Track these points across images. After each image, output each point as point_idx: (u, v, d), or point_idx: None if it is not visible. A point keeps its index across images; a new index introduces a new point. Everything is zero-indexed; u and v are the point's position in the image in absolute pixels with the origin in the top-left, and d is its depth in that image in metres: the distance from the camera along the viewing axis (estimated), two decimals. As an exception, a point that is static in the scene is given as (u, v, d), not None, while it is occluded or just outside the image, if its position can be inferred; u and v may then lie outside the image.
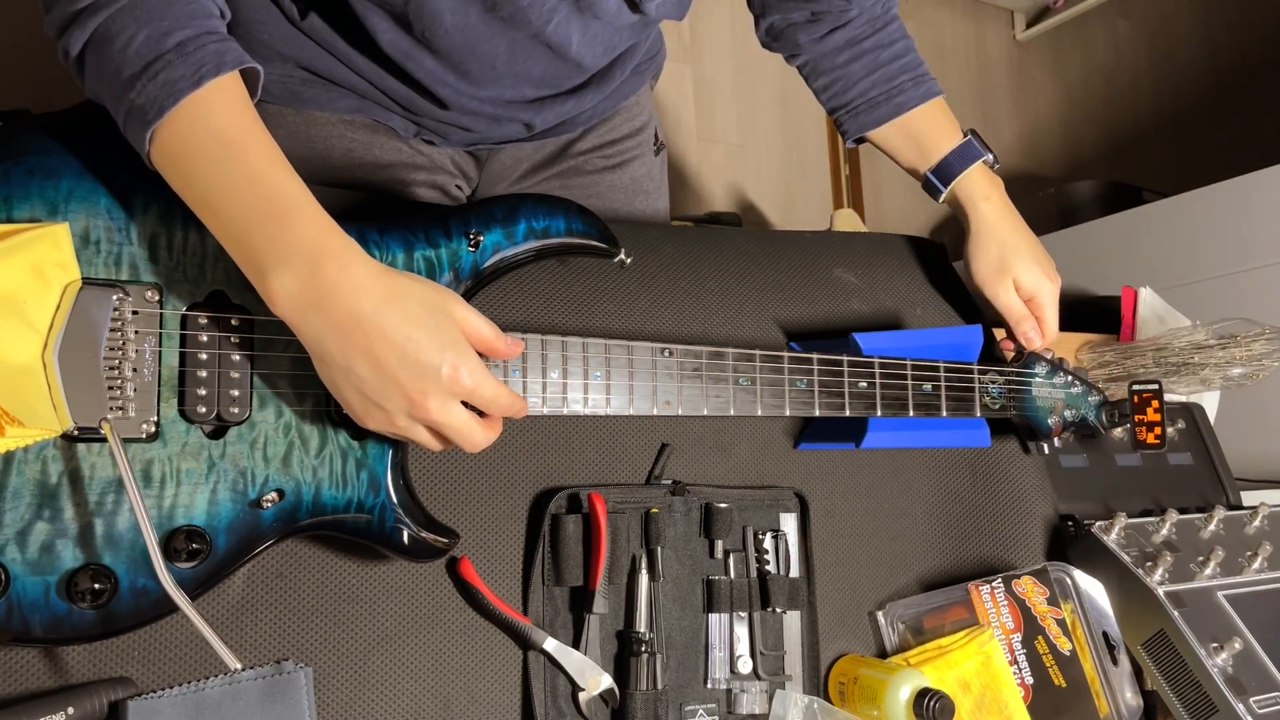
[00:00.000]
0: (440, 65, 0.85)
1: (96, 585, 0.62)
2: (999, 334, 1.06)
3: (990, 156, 1.01)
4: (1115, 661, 0.93)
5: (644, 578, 0.82)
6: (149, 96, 0.60)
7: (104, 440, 0.64)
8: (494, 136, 1.00)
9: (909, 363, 0.88)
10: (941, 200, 1.03)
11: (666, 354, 0.79)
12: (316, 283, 0.60)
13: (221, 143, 0.61)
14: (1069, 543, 1.01)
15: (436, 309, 0.62)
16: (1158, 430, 0.99)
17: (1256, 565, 0.99)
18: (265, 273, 0.60)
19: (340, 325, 0.60)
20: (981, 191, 1.00)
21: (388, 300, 0.61)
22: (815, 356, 0.84)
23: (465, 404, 0.64)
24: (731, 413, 0.81)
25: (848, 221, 2.28)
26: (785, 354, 0.83)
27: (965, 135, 1.01)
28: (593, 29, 0.85)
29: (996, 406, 0.94)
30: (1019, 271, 0.99)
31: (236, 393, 0.67)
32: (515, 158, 1.06)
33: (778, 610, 0.86)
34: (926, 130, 1.01)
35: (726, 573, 0.86)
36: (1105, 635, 0.93)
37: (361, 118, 0.94)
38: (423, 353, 0.60)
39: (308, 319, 0.60)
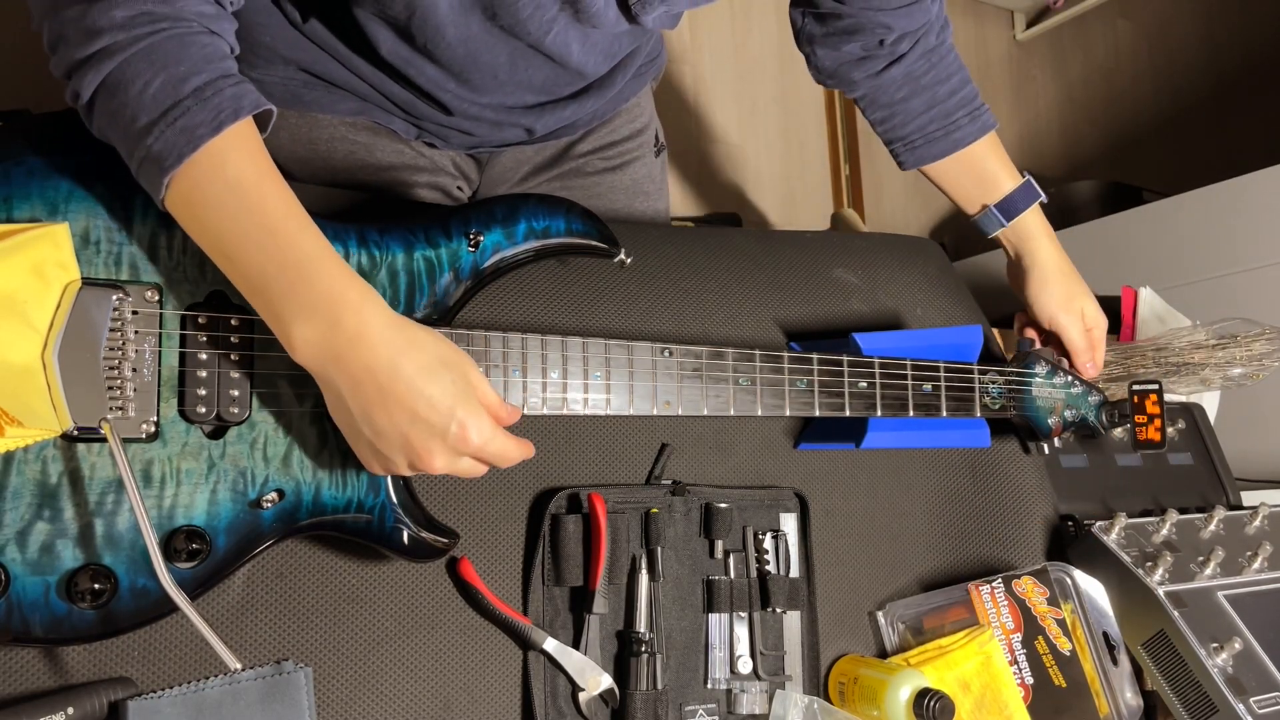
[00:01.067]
0: (442, 73, 0.85)
1: (96, 585, 0.62)
2: (1029, 333, 1.09)
3: (1044, 197, 1.05)
4: (1115, 661, 0.93)
5: (644, 578, 0.82)
6: (167, 143, 0.59)
7: (104, 440, 0.64)
8: (495, 140, 1.00)
9: (909, 363, 0.88)
10: (994, 234, 1.07)
11: (666, 354, 0.79)
12: (335, 335, 0.60)
13: (238, 193, 0.60)
14: (1069, 543, 1.01)
15: (451, 364, 0.63)
16: (1157, 430, 0.99)
17: (1256, 565, 0.98)
18: (285, 322, 0.61)
19: (356, 378, 0.61)
20: (1043, 229, 1.06)
21: (403, 353, 0.61)
22: (815, 357, 0.84)
23: None
24: (731, 413, 0.81)
25: (848, 222, 2.28)
26: (785, 354, 0.83)
27: (1024, 175, 1.05)
28: (592, 38, 0.85)
29: (996, 406, 0.94)
30: (1086, 305, 1.05)
31: (236, 393, 0.67)
32: (516, 160, 1.06)
33: (778, 610, 0.86)
34: (988, 166, 1.05)
35: (726, 573, 0.86)
36: (1105, 635, 0.93)
37: (363, 120, 0.94)
38: (433, 413, 0.61)
39: (326, 369, 0.61)
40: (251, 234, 0.60)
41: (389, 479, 0.69)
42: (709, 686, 0.84)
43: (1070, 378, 1.00)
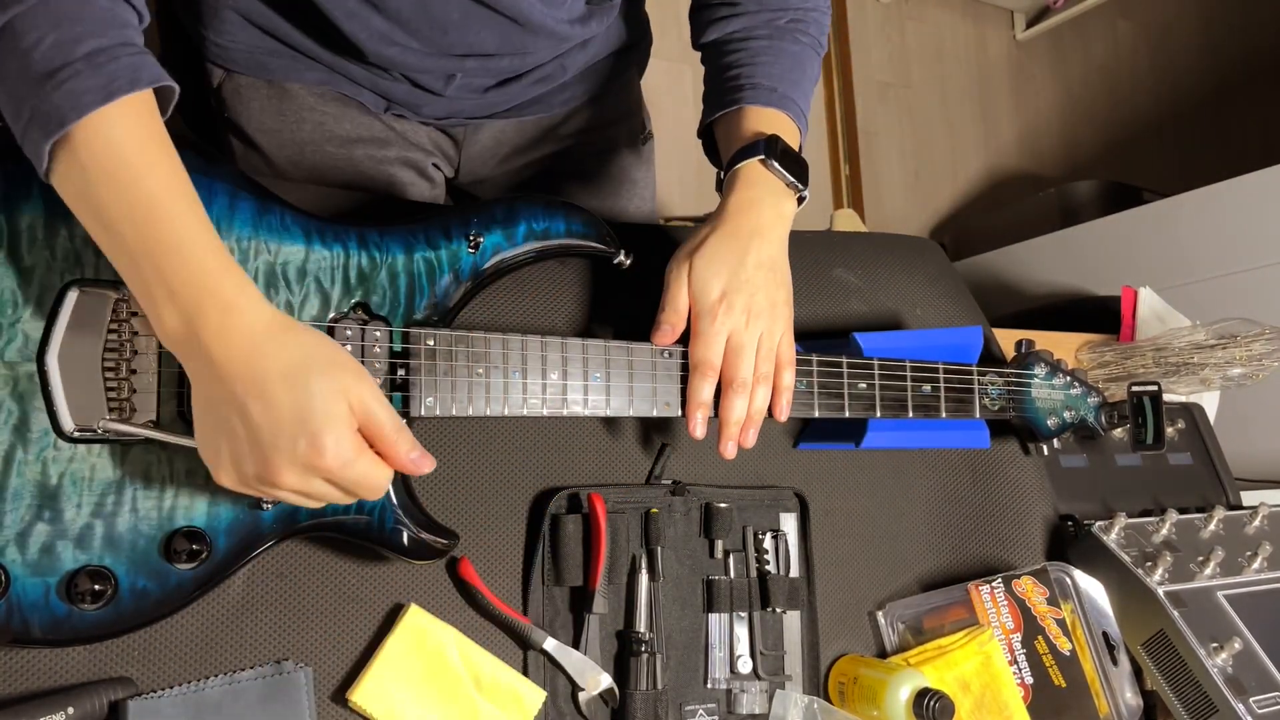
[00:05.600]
0: (388, 24, 0.83)
1: (96, 586, 0.62)
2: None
3: (762, 154, 0.79)
4: (1115, 661, 0.93)
5: (644, 578, 0.82)
6: (52, 105, 0.55)
7: (104, 441, 0.64)
8: (465, 111, 0.98)
9: (908, 364, 0.88)
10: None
11: (666, 355, 0.79)
12: (198, 326, 0.57)
13: (123, 163, 0.57)
14: (1069, 543, 1.01)
15: (324, 372, 0.58)
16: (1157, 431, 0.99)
17: (1256, 565, 0.99)
18: (153, 304, 0.57)
19: (214, 373, 0.57)
20: (736, 183, 0.80)
21: (266, 354, 0.57)
22: (814, 358, 0.84)
23: None
24: (731, 413, 0.81)
25: (848, 221, 2.29)
26: (785, 354, 0.83)
27: (762, 138, 0.81)
28: None
29: (996, 408, 0.94)
30: (699, 263, 0.77)
31: (236, 393, 0.67)
32: (496, 139, 1.05)
33: (778, 610, 0.86)
34: (731, 136, 0.84)
35: (726, 573, 0.86)
36: (1105, 635, 0.93)
37: (330, 90, 0.94)
38: (284, 423, 0.56)
39: (186, 360, 0.58)
40: (129, 210, 0.56)
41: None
42: (709, 686, 0.84)
43: (1069, 379, 1.00)
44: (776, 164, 0.79)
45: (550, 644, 0.78)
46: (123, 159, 0.56)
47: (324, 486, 0.59)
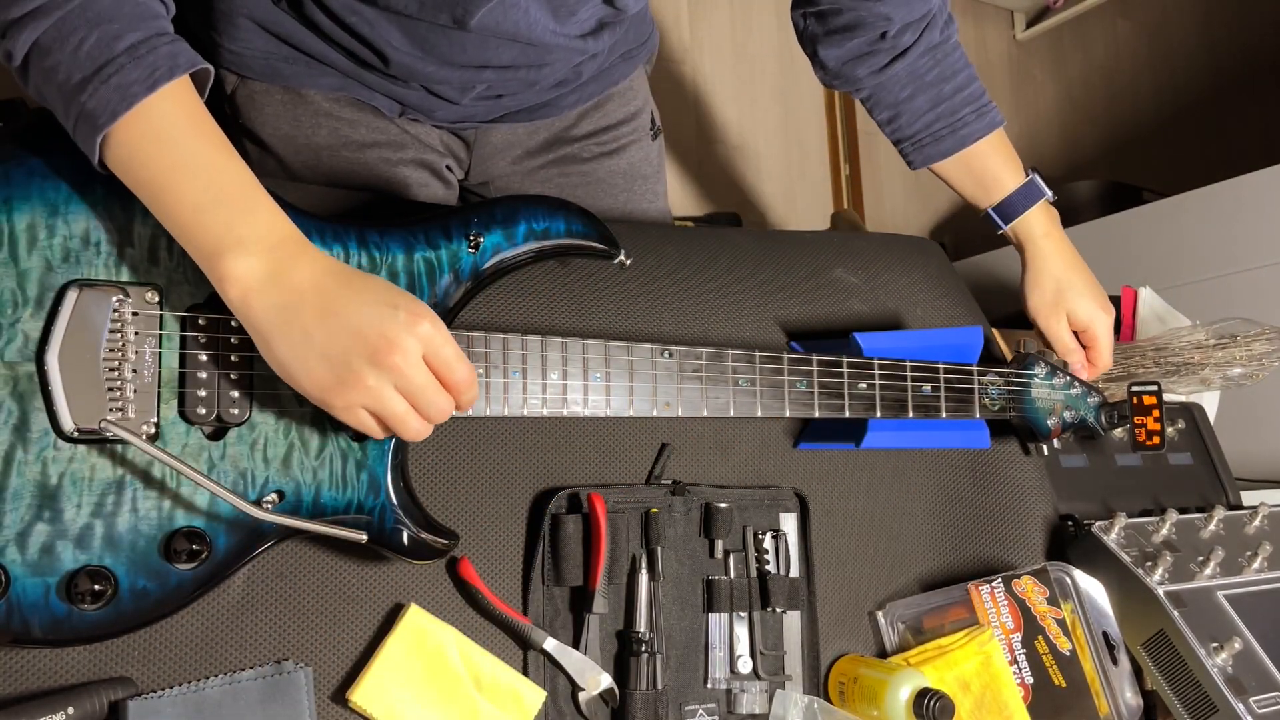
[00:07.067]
0: (403, 39, 0.85)
1: (96, 586, 0.62)
2: (1031, 340, 1.09)
3: (1050, 195, 1.04)
4: (1115, 661, 0.93)
5: (644, 578, 0.82)
6: (101, 100, 0.59)
7: (103, 441, 0.64)
8: (478, 115, 0.99)
9: (908, 364, 0.88)
10: (1000, 234, 1.07)
11: (666, 355, 0.79)
12: (276, 256, 0.61)
13: (178, 139, 0.61)
14: (1069, 543, 1.01)
15: (397, 293, 0.62)
16: (1157, 431, 0.99)
17: (1256, 565, 0.98)
18: (222, 254, 0.60)
19: (298, 290, 0.60)
20: (1041, 229, 1.04)
21: (347, 277, 0.62)
22: (814, 358, 0.84)
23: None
24: (731, 414, 0.81)
25: (848, 221, 2.28)
26: (785, 355, 0.83)
27: (1028, 175, 1.04)
28: (565, 24, 0.84)
29: (996, 408, 0.94)
30: (1073, 304, 1.03)
31: (236, 394, 0.67)
32: (508, 141, 1.05)
33: (778, 610, 0.86)
34: (989, 166, 1.04)
35: (726, 573, 0.86)
36: (1105, 635, 0.93)
37: (346, 96, 0.94)
38: (381, 298, 0.61)
39: (263, 293, 0.60)
40: (194, 166, 0.61)
41: (389, 479, 0.69)
42: (709, 686, 0.84)
43: (1069, 379, 1.00)
44: (1050, 195, 1.04)
45: (550, 644, 0.78)
46: (177, 135, 0.61)
47: (425, 371, 0.61)
